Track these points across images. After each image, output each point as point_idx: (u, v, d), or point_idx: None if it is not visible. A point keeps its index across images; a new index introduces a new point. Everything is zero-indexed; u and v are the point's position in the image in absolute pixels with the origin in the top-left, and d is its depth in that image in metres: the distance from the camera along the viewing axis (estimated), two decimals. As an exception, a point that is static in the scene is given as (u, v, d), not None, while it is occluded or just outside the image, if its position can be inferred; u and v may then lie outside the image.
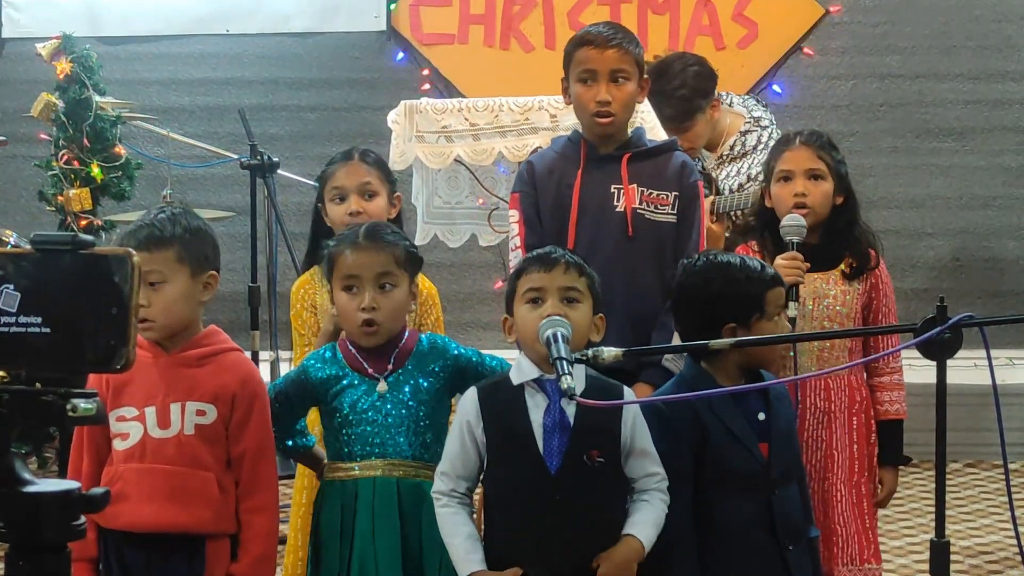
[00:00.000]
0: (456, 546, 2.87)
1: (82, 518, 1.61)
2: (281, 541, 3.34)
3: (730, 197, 4.46)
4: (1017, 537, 2.75)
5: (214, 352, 2.97)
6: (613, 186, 3.49)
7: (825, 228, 3.57)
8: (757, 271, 3.05)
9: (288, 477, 3.67)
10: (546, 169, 3.56)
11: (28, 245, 1.60)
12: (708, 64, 4.74)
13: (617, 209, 3.48)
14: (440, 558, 2.97)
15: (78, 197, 5.97)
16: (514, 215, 3.58)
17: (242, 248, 6.03)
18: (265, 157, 5.49)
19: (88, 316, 1.56)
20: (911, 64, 6.96)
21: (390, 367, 3.07)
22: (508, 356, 3.12)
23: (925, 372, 2.83)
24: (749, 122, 4.78)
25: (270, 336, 5.72)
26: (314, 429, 3.28)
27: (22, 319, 1.57)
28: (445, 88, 6.96)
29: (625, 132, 3.56)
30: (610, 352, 2.66)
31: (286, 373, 3.25)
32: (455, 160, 4.29)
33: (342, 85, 7.13)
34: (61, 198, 6.01)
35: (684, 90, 4.56)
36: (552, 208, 3.51)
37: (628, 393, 2.98)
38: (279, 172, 5.63)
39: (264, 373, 4.71)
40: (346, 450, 3.06)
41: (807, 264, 3.44)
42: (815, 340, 3.51)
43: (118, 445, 2.92)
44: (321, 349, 3.16)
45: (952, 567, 2.75)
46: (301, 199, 6.21)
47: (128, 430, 2.90)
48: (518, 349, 2.98)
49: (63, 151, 6.04)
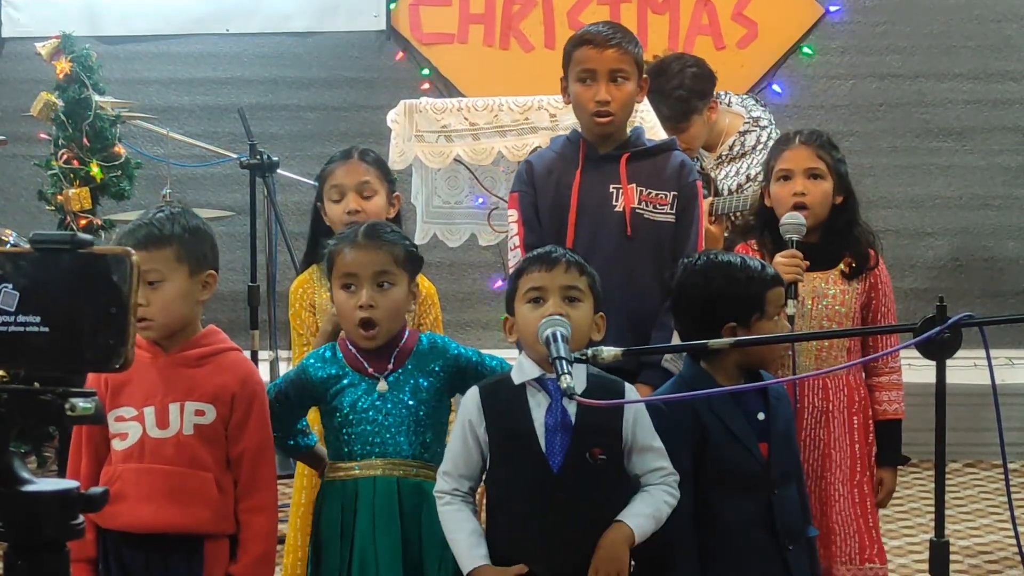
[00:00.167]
0: (459, 541, 2.86)
1: (81, 517, 1.61)
2: (281, 541, 3.34)
3: (728, 199, 4.45)
4: (1017, 537, 2.75)
5: (213, 352, 2.96)
6: (612, 186, 3.49)
7: (824, 228, 3.57)
8: (758, 271, 3.05)
9: (288, 477, 3.66)
10: (545, 169, 3.56)
11: (27, 244, 1.60)
12: (707, 66, 4.73)
13: (616, 209, 3.47)
14: (440, 557, 2.97)
15: (77, 196, 5.96)
16: (513, 215, 3.58)
17: (241, 247, 6.03)
18: (265, 156, 5.49)
19: (87, 315, 1.56)
20: (911, 64, 6.95)
21: (390, 366, 3.06)
22: (508, 356, 3.12)
23: (924, 372, 2.83)
24: (748, 122, 4.78)
25: (269, 336, 5.72)
26: (314, 428, 3.28)
27: (21, 318, 1.57)
28: (445, 88, 6.96)
29: (624, 132, 3.56)
30: (609, 352, 2.65)
31: (285, 373, 3.25)
32: (455, 160, 4.29)
33: (342, 84, 7.12)
34: (60, 197, 6.00)
35: (681, 91, 4.57)
36: (551, 208, 3.51)
37: (630, 389, 2.97)
38: (279, 171, 5.63)
39: (263, 373, 4.72)
40: (346, 450, 3.06)
41: (806, 262, 3.44)
42: (814, 340, 3.51)
43: (117, 445, 2.91)
44: (321, 348, 3.16)
45: (952, 567, 2.76)
46: (301, 199, 6.20)
47: (127, 430, 2.89)
48: (518, 349, 2.98)
49: (63, 150, 6.03)
